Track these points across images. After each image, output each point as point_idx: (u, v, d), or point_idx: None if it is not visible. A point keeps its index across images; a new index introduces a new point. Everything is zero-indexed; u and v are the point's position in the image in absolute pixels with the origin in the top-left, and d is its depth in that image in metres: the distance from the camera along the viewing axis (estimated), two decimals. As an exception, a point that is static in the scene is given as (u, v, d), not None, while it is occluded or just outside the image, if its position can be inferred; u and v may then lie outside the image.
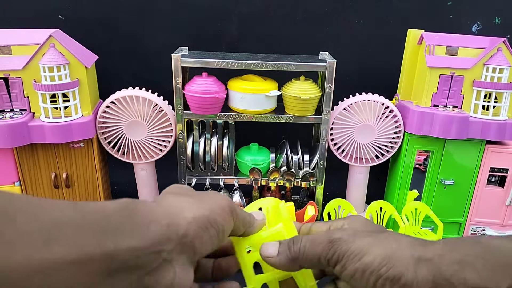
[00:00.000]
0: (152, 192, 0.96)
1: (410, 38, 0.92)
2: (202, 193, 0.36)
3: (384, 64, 1.10)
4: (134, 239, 0.28)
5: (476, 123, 0.84)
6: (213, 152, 0.91)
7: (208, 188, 0.94)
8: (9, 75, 0.79)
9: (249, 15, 1.08)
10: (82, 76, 0.81)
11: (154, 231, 0.29)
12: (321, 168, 0.92)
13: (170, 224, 0.30)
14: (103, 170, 0.92)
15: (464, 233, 0.95)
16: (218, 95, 0.83)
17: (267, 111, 0.87)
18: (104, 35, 1.08)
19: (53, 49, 0.78)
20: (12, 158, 0.83)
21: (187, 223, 0.32)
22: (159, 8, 1.07)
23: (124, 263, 0.27)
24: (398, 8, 1.08)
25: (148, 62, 1.12)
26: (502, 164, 0.89)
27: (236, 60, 0.83)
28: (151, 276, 0.29)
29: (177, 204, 0.33)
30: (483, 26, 1.10)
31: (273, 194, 0.95)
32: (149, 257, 0.29)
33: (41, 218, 0.24)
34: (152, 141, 0.89)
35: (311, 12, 1.09)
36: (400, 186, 0.94)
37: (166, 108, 0.88)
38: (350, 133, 0.91)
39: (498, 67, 0.82)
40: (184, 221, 0.31)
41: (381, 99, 0.88)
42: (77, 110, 0.82)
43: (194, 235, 0.32)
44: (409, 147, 0.90)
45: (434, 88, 0.86)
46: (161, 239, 0.29)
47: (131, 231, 0.28)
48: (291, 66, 0.83)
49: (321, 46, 0.96)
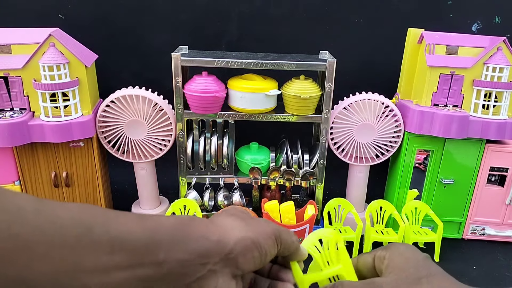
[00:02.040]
0: (152, 191, 0.96)
1: (410, 37, 0.92)
2: (253, 218, 0.40)
3: (384, 63, 1.10)
4: (182, 252, 0.33)
5: (476, 122, 0.84)
6: (213, 151, 0.91)
7: (208, 187, 0.94)
8: (9, 74, 0.79)
9: (249, 14, 1.08)
10: (82, 75, 0.81)
11: (202, 245, 0.34)
12: (321, 167, 0.92)
13: (219, 241, 0.35)
14: (103, 169, 0.92)
15: (464, 232, 0.95)
16: (218, 94, 0.83)
17: (267, 110, 0.87)
18: (104, 34, 1.08)
19: (53, 48, 0.78)
20: (12, 157, 0.83)
21: (234, 242, 0.36)
22: (159, 7, 1.07)
23: (170, 271, 0.32)
24: (398, 7, 1.08)
25: (148, 61, 1.12)
26: (502, 163, 0.89)
27: (236, 59, 0.83)
28: (197, 283, 0.34)
29: (228, 224, 0.38)
30: (483, 25, 1.10)
31: (273, 194, 0.95)
32: (195, 268, 0.33)
33: (111, 231, 0.30)
34: (152, 140, 0.89)
35: (311, 11, 1.09)
36: (400, 185, 0.94)
37: (166, 107, 0.88)
38: (350, 132, 0.91)
39: (498, 66, 0.82)
40: (232, 240, 0.36)
41: (381, 98, 0.88)
42: (77, 109, 0.82)
43: (238, 253, 0.36)
44: (409, 146, 0.90)
45: (434, 87, 0.86)
46: (209, 253, 0.34)
47: (182, 244, 0.33)
48: (291, 65, 0.83)
49: (321, 45, 0.96)
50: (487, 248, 0.93)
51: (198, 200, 0.91)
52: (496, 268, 0.86)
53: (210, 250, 0.35)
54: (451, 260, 0.87)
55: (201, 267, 0.34)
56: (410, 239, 0.85)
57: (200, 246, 0.34)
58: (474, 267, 0.86)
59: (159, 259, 0.31)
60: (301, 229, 0.84)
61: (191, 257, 0.33)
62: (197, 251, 0.34)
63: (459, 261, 0.87)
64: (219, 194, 0.94)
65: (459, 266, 0.85)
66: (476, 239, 0.96)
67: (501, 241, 0.95)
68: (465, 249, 0.93)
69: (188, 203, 0.87)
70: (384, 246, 0.39)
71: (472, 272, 0.84)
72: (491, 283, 0.81)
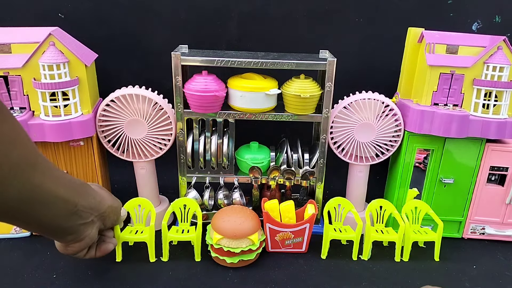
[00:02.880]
0: (152, 191, 0.96)
1: (410, 37, 0.92)
2: (109, 193, 0.74)
3: (384, 62, 1.10)
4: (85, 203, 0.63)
5: (476, 121, 0.84)
6: (213, 151, 0.91)
7: (208, 186, 0.94)
8: (9, 74, 0.79)
9: (249, 13, 1.08)
10: (82, 74, 0.81)
11: (92, 202, 0.65)
12: (321, 167, 0.92)
13: (100, 202, 0.67)
14: (103, 168, 0.92)
15: (464, 232, 0.95)
16: (218, 93, 0.83)
17: (267, 109, 0.87)
18: (104, 33, 1.08)
19: (53, 47, 0.78)
20: (12, 156, 0.83)
21: (107, 206, 0.70)
22: (159, 6, 1.07)
23: (79, 210, 0.61)
24: (398, 6, 1.08)
25: (148, 60, 1.12)
26: (502, 162, 0.89)
27: (236, 59, 0.83)
28: (84, 226, 0.64)
29: (103, 193, 0.70)
30: (483, 25, 1.10)
31: (273, 193, 0.95)
32: (87, 214, 0.64)
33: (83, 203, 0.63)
34: (152, 140, 0.89)
35: (311, 10, 1.09)
36: (400, 184, 0.94)
37: (166, 106, 0.88)
38: (350, 132, 0.91)
39: (498, 66, 0.82)
40: (106, 204, 0.70)
41: (381, 98, 0.88)
42: (77, 109, 0.82)
43: (108, 214, 0.70)
44: (409, 145, 0.90)
45: (434, 87, 0.86)
46: (93, 208, 0.65)
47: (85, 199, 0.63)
48: (291, 65, 0.83)
49: (321, 44, 0.96)
50: (487, 248, 0.93)
51: (198, 199, 0.91)
52: (496, 267, 0.86)
53: (94, 207, 0.65)
54: (451, 259, 0.87)
55: (89, 215, 0.64)
56: (410, 239, 0.85)
57: (90, 203, 0.64)
58: (474, 266, 0.86)
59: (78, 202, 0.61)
60: (301, 228, 0.84)
61: (86, 208, 0.63)
62: (90, 205, 0.64)
63: (459, 261, 0.87)
64: (219, 193, 0.94)
65: (459, 266, 0.85)
66: (476, 238, 0.96)
67: (501, 241, 0.95)
68: (465, 248, 0.93)
69: (188, 202, 0.87)
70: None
71: (472, 272, 0.84)
72: (491, 282, 0.81)
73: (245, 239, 0.80)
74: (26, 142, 0.50)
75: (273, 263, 0.84)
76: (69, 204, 0.59)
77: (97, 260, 0.81)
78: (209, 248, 0.82)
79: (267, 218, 0.83)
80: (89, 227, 0.66)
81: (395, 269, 0.83)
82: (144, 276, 0.78)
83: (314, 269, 0.82)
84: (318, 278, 0.80)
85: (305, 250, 0.88)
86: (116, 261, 0.82)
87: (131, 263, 0.82)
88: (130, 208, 0.85)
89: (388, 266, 0.84)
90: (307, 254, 0.87)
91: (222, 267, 0.81)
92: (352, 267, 0.83)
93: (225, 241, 0.79)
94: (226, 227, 0.80)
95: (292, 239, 0.86)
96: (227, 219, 0.81)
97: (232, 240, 0.79)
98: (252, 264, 0.83)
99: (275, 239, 0.86)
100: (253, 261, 0.83)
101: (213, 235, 0.81)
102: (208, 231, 0.85)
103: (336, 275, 0.81)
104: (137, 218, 0.86)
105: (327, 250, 0.86)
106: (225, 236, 0.79)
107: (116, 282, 0.77)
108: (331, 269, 0.83)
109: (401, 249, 0.86)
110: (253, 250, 0.81)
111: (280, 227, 0.84)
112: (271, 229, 0.84)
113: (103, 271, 0.79)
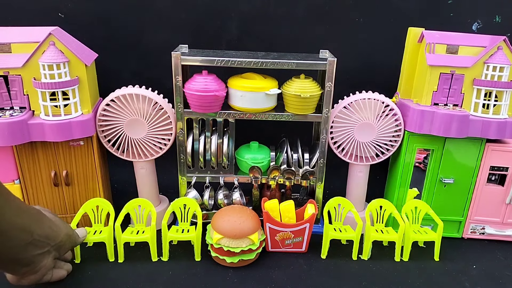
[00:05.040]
0: (152, 190, 0.96)
1: (410, 37, 0.92)
2: (61, 219, 0.74)
3: (384, 62, 1.10)
4: (41, 232, 0.65)
5: (476, 121, 0.84)
6: (213, 150, 0.91)
7: (208, 186, 0.94)
8: (9, 73, 0.79)
9: (249, 13, 1.08)
10: (82, 74, 0.81)
11: (49, 233, 0.66)
12: (321, 167, 0.92)
13: (56, 231, 0.67)
14: (103, 168, 0.92)
15: (464, 232, 0.95)
16: (218, 93, 0.83)
17: (267, 109, 0.87)
18: (104, 33, 1.08)
19: (53, 47, 0.78)
20: (11, 156, 0.83)
21: (63, 235, 0.70)
22: (159, 6, 1.07)
23: (35, 240, 0.62)
24: (399, 6, 1.08)
25: (148, 60, 1.12)
26: (502, 162, 0.89)
27: (236, 58, 0.83)
28: (41, 255, 0.64)
29: (57, 221, 0.71)
30: (483, 25, 1.10)
31: (273, 193, 0.95)
32: (43, 244, 0.64)
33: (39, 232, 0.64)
34: (152, 139, 0.89)
35: (311, 10, 1.09)
36: (400, 184, 0.94)
37: (166, 106, 0.87)
38: (350, 132, 0.91)
39: (498, 66, 0.82)
40: (62, 233, 0.70)
41: (381, 98, 0.88)
42: (77, 108, 0.82)
43: (64, 243, 0.70)
44: (409, 145, 0.90)
45: (435, 87, 0.86)
46: (50, 238, 0.66)
47: (41, 229, 0.65)
48: (291, 64, 0.83)
49: (321, 44, 0.96)
50: (487, 247, 0.93)
51: (198, 199, 0.91)
52: (496, 267, 0.86)
53: (51, 236, 0.66)
54: (451, 259, 0.87)
55: (46, 245, 0.65)
56: (410, 238, 0.85)
57: (46, 232, 0.65)
58: (474, 266, 0.86)
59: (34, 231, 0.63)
60: (301, 228, 0.84)
61: (42, 237, 0.64)
62: (46, 234, 0.65)
63: (459, 260, 0.87)
64: (219, 193, 0.94)
65: (459, 265, 0.85)
66: (476, 238, 0.96)
67: (501, 240, 0.95)
68: (465, 248, 0.93)
69: (188, 202, 0.87)
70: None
71: (472, 271, 0.84)
72: (491, 282, 0.81)
73: (245, 239, 0.80)
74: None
75: (273, 262, 0.84)
76: (25, 233, 0.59)
77: (97, 260, 0.81)
78: (209, 248, 0.82)
79: (267, 217, 0.83)
80: (44, 257, 0.65)
81: (395, 269, 0.83)
82: (144, 275, 0.78)
83: (314, 269, 0.82)
84: (318, 278, 0.80)
85: (305, 250, 0.88)
86: (117, 262, 0.82)
87: (131, 263, 0.82)
88: (130, 208, 0.85)
89: (388, 266, 0.84)
90: (307, 254, 0.87)
91: (222, 267, 0.81)
92: (352, 267, 0.83)
93: (225, 241, 0.79)
94: (226, 226, 0.80)
95: (292, 239, 0.86)
96: (227, 218, 0.81)
97: (232, 239, 0.79)
98: (252, 264, 0.83)
99: (275, 238, 0.86)
100: (253, 260, 0.83)
101: (213, 234, 0.81)
102: (208, 231, 0.85)
103: (336, 275, 0.81)
104: (137, 219, 0.86)
105: (327, 250, 0.86)
106: (225, 235, 0.79)
107: (117, 281, 0.77)
108: (331, 269, 0.83)
109: (401, 249, 0.86)
110: (253, 250, 0.81)
111: (280, 226, 0.84)
112: (271, 228, 0.84)
113: (104, 271, 0.79)
